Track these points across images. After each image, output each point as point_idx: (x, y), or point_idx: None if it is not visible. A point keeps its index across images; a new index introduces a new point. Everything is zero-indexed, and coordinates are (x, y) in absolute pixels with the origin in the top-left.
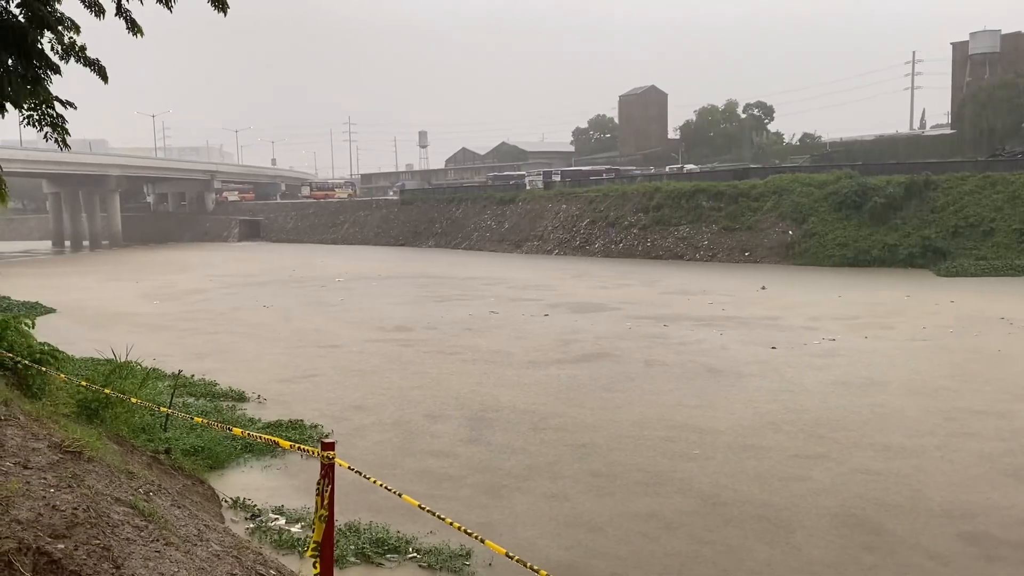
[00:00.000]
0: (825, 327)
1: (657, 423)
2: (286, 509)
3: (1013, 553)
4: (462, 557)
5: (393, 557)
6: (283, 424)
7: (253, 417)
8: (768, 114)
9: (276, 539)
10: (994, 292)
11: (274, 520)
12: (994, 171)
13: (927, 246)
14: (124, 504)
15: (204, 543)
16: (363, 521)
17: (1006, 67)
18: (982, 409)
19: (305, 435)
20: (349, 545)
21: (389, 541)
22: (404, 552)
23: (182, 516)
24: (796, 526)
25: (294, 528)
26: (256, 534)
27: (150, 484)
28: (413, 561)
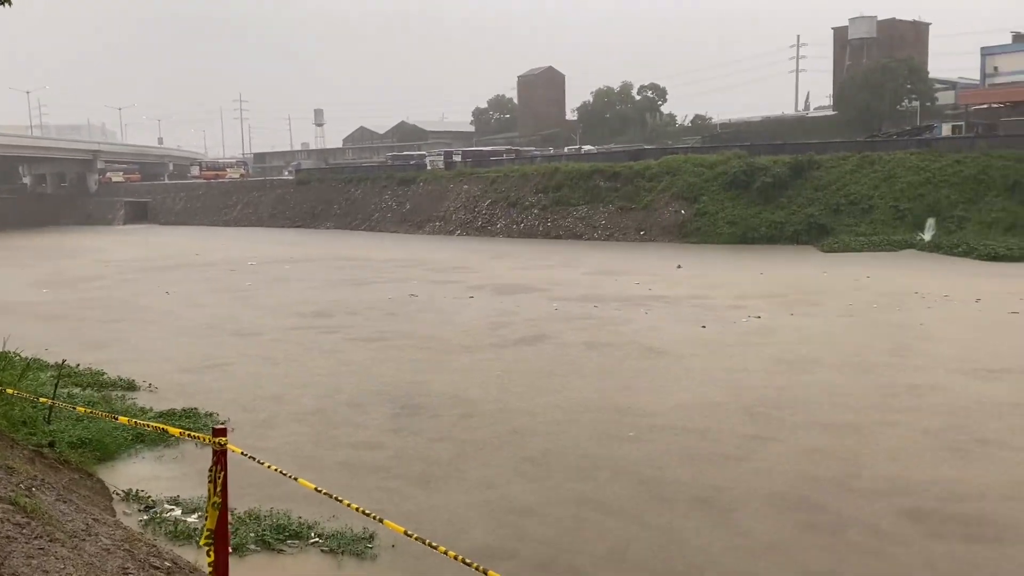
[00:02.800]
0: (752, 305)
1: (596, 406)
2: (182, 499)
3: (956, 528)
4: (365, 540)
5: (294, 543)
6: (176, 413)
7: (144, 407)
8: (661, 96)
9: (171, 530)
10: (897, 267)
11: (169, 511)
12: (872, 151)
13: (811, 223)
14: (3, 501)
15: (93, 538)
16: (264, 508)
17: (883, 51)
18: (920, 384)
19: (199, 424)
20: (249, 533)
21: (290, 527)
22: (306, 537)
23: (68, 511)
24: (737, 507)
25: (190, 518)
26: (150, 526)
27: (32, 479)
28: (315, 546)
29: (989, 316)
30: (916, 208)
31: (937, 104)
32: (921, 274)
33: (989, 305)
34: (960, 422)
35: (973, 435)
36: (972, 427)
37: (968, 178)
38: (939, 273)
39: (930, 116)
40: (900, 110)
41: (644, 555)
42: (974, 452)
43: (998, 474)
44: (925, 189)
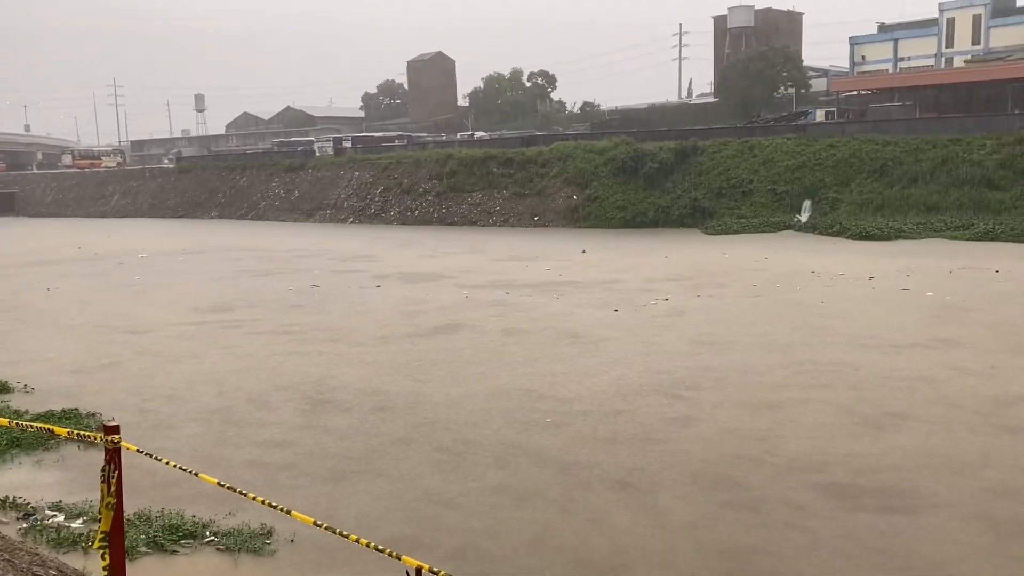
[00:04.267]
0: (661, 288)
1: (514, 394)
2: (64, 504)
3: (872, 501)
4: (263, 536)
5: (188, 543)
6: (55, 415)
7: (19, 409)
8: (551, 83)
9: (55, 537)
10: (786, 248)
11: (51, 517)
12: (752, 137)
13: (696, 207)
14: None
15: None
16: (155, 509)
17: (760, 40)
18: (832, 360)
19: (81, 424)
20: (139, 535)
21: (184, 527)
22: (201, 536)
23: None
24: (659, 489)
25: (75, 523)
26: (31, 534)
27: None
28: (211, 545)
29: (883, 293)
30: (793, 191)
31: (811, 91)
32: (812, 254)
33: (881, 283)
34: (871, 396)
35: (884, 409)
36: (883, 401)
37: (840, 161)
38: (824, 252)
39: (805, 103)
40: (777, 97)
41: (565, 540)
42: (886, 425)
43: (910, 445)
44: (801, 172)
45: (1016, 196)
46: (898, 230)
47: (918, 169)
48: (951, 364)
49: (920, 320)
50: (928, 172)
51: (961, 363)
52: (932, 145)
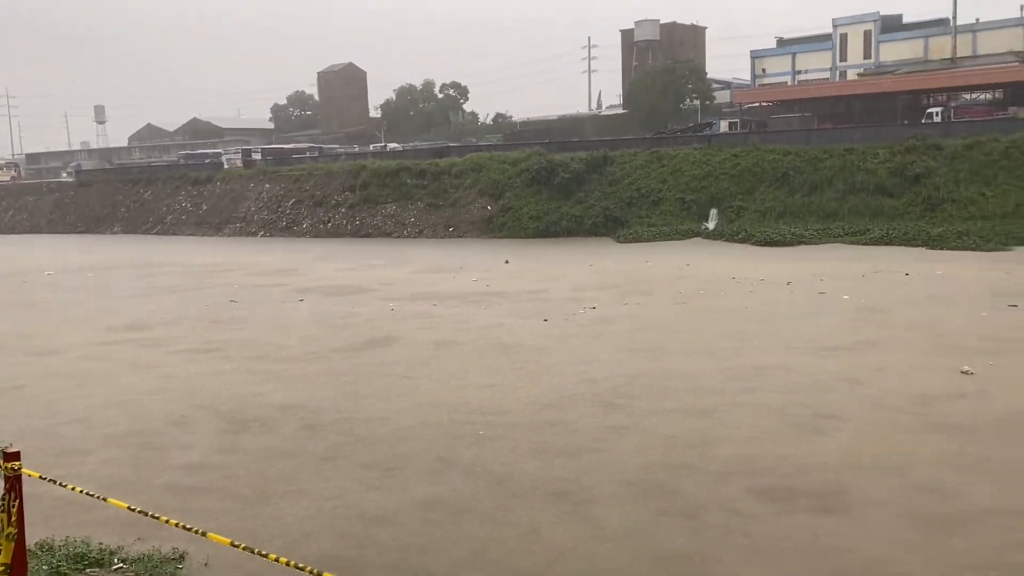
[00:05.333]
0: (589, 297)
1: (446, 407)
2: None
3: (807, 503)
4: (175, 561)
5: (95, 571)
6: None
7: None
8: (463, 94)
9: None
10: (714, 255)
11: None
12: (660, 147)
13: (608, 216)
14: None
15: None
16: (59, 538)
17: (666, 53)
18: (761, 364)
19: None
20: (41, 565)
21: (90, 555)
22: (108, 564)
23: None
24: (595, 498)
25: None
26: None
27: None
28: (118, 572)
29: (803, 297)
30: (700, 199)
31: (715, 103)
32: (728, 260)
33: (799, 287)
34: (801, 399)
35: (814, 410)
36: (812, 403)
37: (744, 171)
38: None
39: (709, 114)
40: (683, 108)
41: (500, 554)
42: (817, 427)
43: (840, 446)
44: (707, 182)
45: (907, 203)
46: (800, 236)
47: (817, 178)
48: (874, 365)
49: (841, 323)
50: (826, 180)
51: (883, 364)
52: (829, 155)
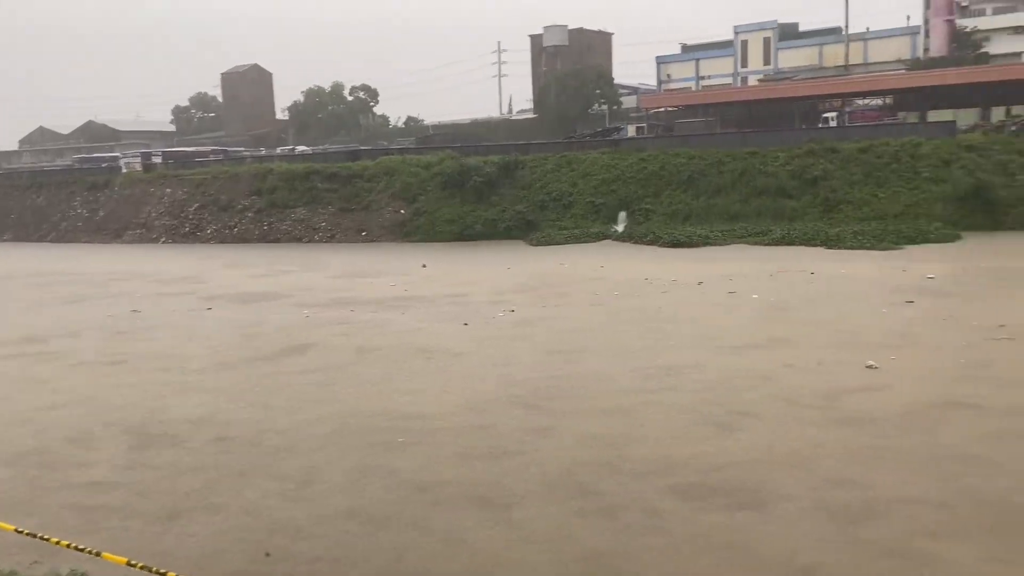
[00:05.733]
0: (508, 300)
1: (366, 415)
2: None
3: (722, 499)
4: None
5: None
6: None
7: None
8: (374, 97)
9: None
10: (626, 257)
11: None
12: (570, 151)
13: (521, 219)
14: None
15: None
16: None
17: (575, 59)
18: (677, 363)
19: None
20: None
21: None
22: None
23: None
24: (517, 502)
25: None
26: None
27: None
28: None
29: (714, 297)
30: (609, 202)
31: (623, 107)
32: (640, 262)
33: (710, 287)
34: (716, 396)
35: (729, 408)
36: (727, 400)
37: (651, 174)
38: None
39: (617, 119)
40: (592, 113)
41: (422, 562)
42: (731, 424)
43: (753, 442)
44: (616, 185)
45: (806, 204)
46: (706, 237)
47: (721, 180)
48: (784, 361)
49: (752, 321)
50: (730, 183)
51: (792, 360)
52: (733, 158)
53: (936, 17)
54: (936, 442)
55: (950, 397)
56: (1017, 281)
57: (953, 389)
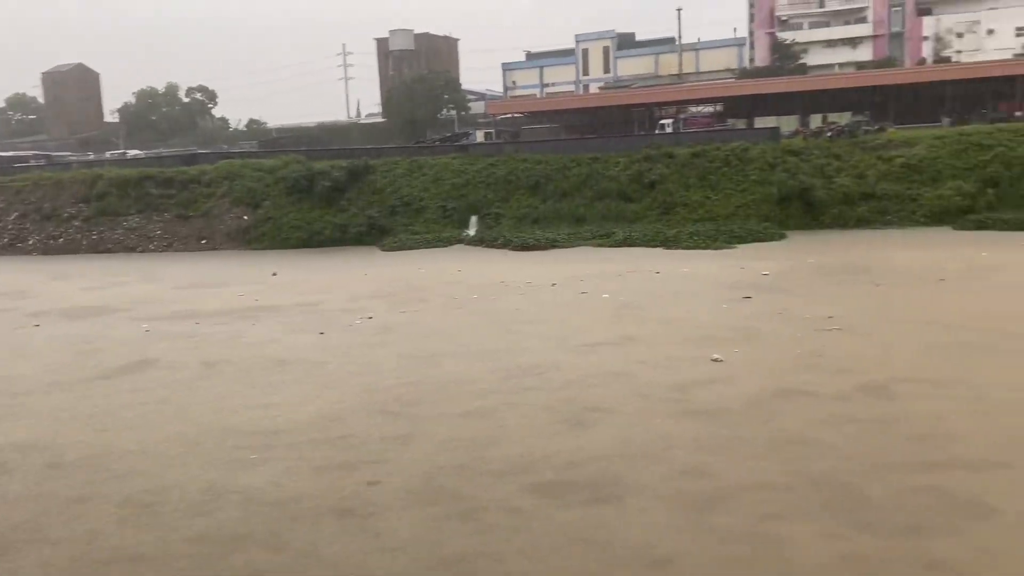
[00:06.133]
0: (364, 306)
1: (216, 432)
2: None
3: (580, 494)
4: None
5: None
6: None
7: None
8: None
9: None
10: (480, 260)
11: None
12: (420, 156)
13: (372, 224)
14: None
15: None
16: None
17: (422, 63)
18: (535, 363)
19: None
20: None
21: None
22: None
23: None
24: (378, 511)
25: None
26: None
27: None
28: None
29: (568, 298)
30: (461, 207)
31: (471, 113)
32: (495, 265)
33: (563, 288)
34: (572, 395)
35: (585, 405)
36: (583, 398)
37: (500, 179)
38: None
39: (466, 124)
40: (441, 118)
41: None
42: (587, 420)
43: (610, 437)
44: (467, 190)
45: (646, 207)
46: (553, 240)
47: (566, 185)
48: (636, 358)
49: (604, 320)
50: (575, 187)
51: (644, 356)
52: (577, 163)
53: (759, 30)
54: (777, 428)
55: (788, 386)
56: (839, 276)
57: (790, 378)
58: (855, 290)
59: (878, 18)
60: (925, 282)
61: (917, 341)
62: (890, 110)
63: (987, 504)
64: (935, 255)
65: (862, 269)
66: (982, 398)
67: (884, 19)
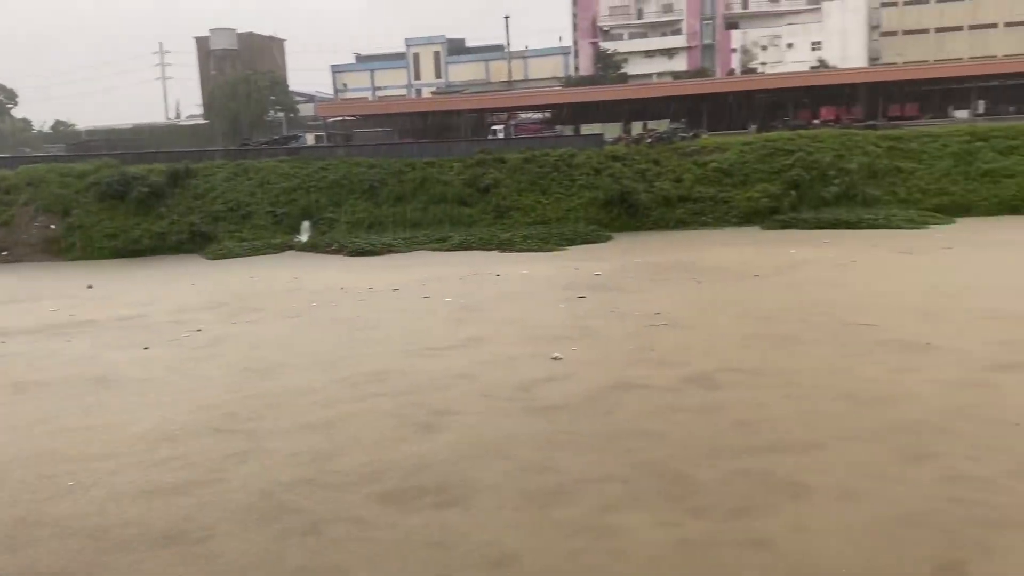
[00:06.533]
0: (193, 319)
1: (29, 460)
2: None
3: (427, 499)
4: None
5: None
6: None
7: None
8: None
9: None
10: (316, 267)
11: None
12: (246, 159)
13: (195, 231)
14: None
15: None
16: None
17: (245, 63)
18: (379, 370)
19: None
20: None
21: None
22: None
23: None
24: (212, 534)
25: None
26: None
27: None
28: None
29: (410, 302)
30: (291, 212)
31: (300, 115)
32: (334, 271)
33: (405, 293)
34: (418, 399)
35: (431, 408)
36: (429, 401)
37: (333, 183)
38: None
39: (295, 126)
40: (268, 120)
41: None
42: (434, 424)
43: (456, 439)
44: (297, 194)
45: (480, 211)
46: (389, 245)
47: (401, 189)
48: (480, 359)
49: (447, 323)
50: (410, 192)
51: (488, 357)
52: (412, 167)
53: (583, 39)
54: (615, 422)
55: (623, 379)
56: (665, 274)
57: (625, 372)
58: (680, 287)
59: (691, 30)
60: (742, 278)
61: (737, 333)
62: (704, 118)
63: (804, 483)
64: (749, 253)
65: (685, 267)
66: (794, 383)
67: (697, 31)
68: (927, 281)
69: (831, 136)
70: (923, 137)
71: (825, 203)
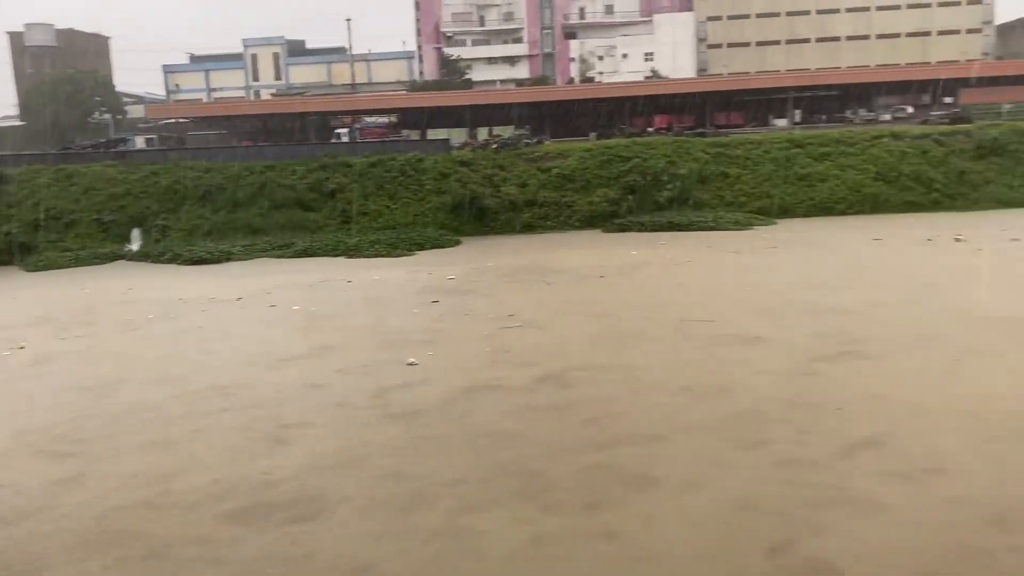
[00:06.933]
0: (14, 335)
1: None
2: None
3: (278, 515)
4: None
5: None
6: None
7: None
8: None
9: None
10: (150, 277)
11: None
12: (68, 164)
13: (11, 241)
14: None
15: None
16: None
17: (67, 62)
18: (221, 384)
19: None
20: None
21: None
22: None
23: None
24: (40, 568)
25: None
26: None
27: None
28: None
29: (256, 312)
30: (120, 219)
31: (129, 117)
32: (172, 282)
33: (250, 302)
34: (268, 413)
35: (281, 421)
36: (278, 414)
37: (165, 189)
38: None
39: (123, 129)
40: (93, 122)
41: None
42: (286, 437)
43: (308, 451)
44: (126, 201)
45: (326, 216)
46: (228, 253)
47: (240, 194)
48: (334, 367)
49: (297, 332)
50: (249, 197)
51: (341, 365)
52: (251, 171)
53: (427, 44)
54: (472, 424)
55: (478, 382)
56: (515, 277)
57: (480, 375)
58: (530, 289)
59: (532, 39)
60: (588, 279)
61: (585, 332)
62: (547, 125)
63: (650, 475)
64: (593, 255)
65: (534, 270)
66: (639, 379)
67: (537, 40)
68: (755, 279)
69: (664, 143)
70: (747, 144)
71: (660, 207)
